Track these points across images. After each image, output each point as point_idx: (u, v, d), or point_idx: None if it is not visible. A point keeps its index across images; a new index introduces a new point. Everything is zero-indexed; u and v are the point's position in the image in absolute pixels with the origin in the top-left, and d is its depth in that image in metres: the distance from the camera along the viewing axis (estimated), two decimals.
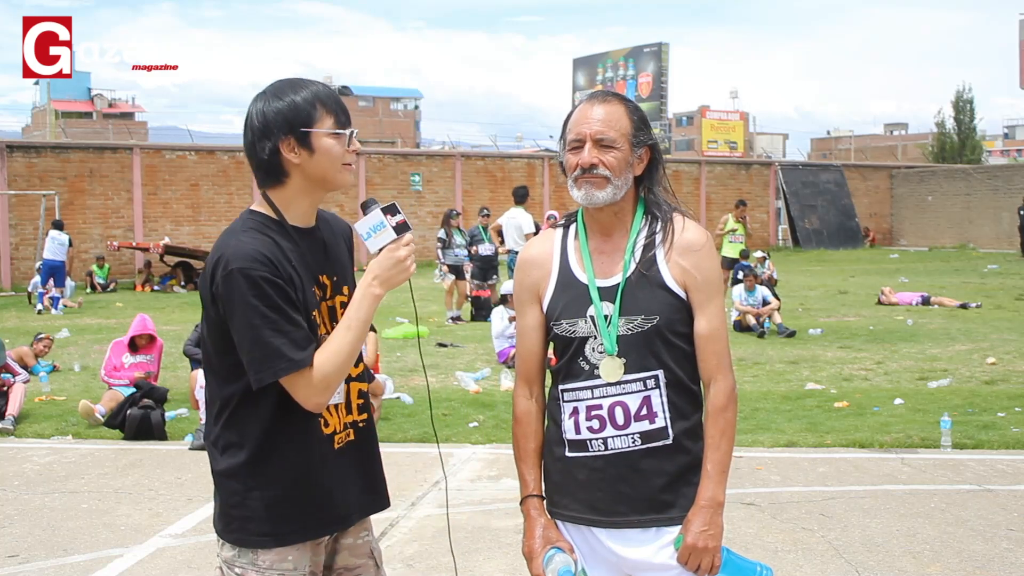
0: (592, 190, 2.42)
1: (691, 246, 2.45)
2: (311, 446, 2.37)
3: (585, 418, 2.46)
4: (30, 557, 5.21)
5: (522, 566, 5.00)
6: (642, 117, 2.51)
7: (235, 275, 2.23)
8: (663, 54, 38.52)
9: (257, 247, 2.27)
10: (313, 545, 2.43)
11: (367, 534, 2.58)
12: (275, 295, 2.24)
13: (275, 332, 2.23)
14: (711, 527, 2.38)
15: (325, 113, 2.31)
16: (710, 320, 2.45)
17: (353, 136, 2.36)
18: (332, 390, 2.30)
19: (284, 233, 2.35)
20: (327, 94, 2.34)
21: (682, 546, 2.39)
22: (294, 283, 2.30)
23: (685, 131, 70.88)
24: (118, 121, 58.44)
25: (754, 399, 8.81)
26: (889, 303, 16.86)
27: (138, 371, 9.04)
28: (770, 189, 35.85)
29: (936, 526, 5.47)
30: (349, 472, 2.45)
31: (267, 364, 2.23)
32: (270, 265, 2.25)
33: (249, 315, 2.23)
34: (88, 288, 22.25)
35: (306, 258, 2.37)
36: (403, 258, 2.29)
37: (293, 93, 2.32)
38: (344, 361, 2.29)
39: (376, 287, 2.30)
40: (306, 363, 2.25)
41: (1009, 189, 32.46)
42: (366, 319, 2.31)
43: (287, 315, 2.25)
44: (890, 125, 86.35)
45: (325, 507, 2.40)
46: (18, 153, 24.75)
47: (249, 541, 2.36)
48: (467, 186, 29.96)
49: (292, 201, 2.38)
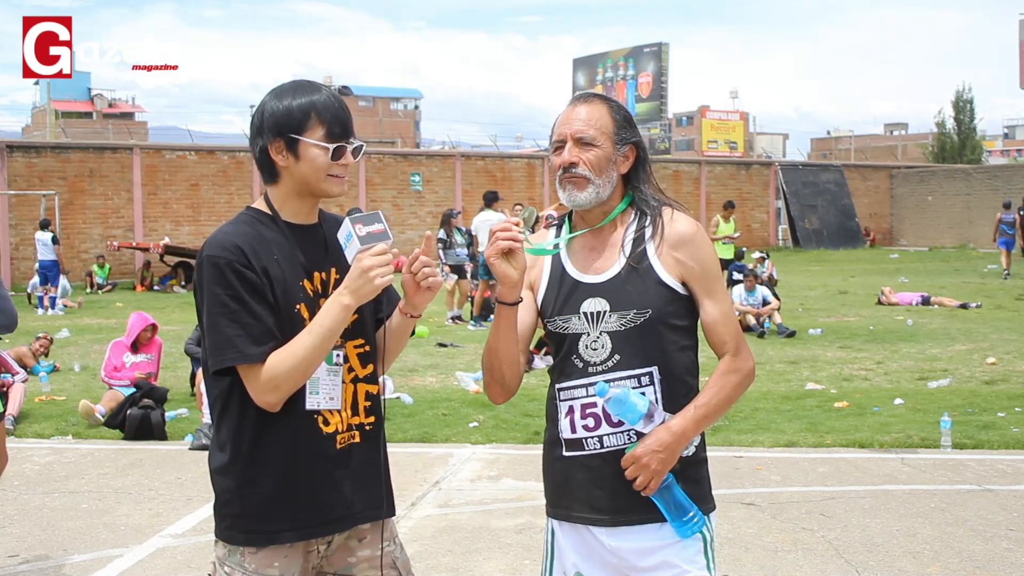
0: (574, 191, 2.45)
1: (683, 237, 2.46)
2: (305, 445, 2.34)
3: (580, 416, 2.46)
4: (30, 557, 5.21)
5: (522, 566, 5.02)
6: (626, 116, 2.53)
7: (205, 262, 2.28)
8: (663, 54, 38.46)
9: (233, 237, 2.29)
10: (305, 550, 2.38)
11: (389, 544, 2.49)
12: (239, 285, 2.25)
13: (231, 322, 2.24)
14: (664, 451, 2.35)
15: (317, 123, 2.31)
16: (717, 305, 2.46)
17: (345, 150, 2.34)
18: (281, 392, 2.26)
19: (275, 227, 2.36)
20: (326, 104, 2.33)
21: (628, 453, 2.38)
22: (270, 276, 2.29)
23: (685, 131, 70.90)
24: (118, 121, 58.42)
25: (754, 399, 8.81)
26: (889, 303, 16.86)
27: (138, 371, 9.04)
28: (770, 189, 35.86)
29: (936, 526, 5.46)
30: (350, 475, 2.39)
31: (218, 352, 2.25)
32: (241, 255, 2.26)
33: (211, 302, 2.26)
34: (88, 288, 22.25)
35: (297, 253, 2.35)
36: (366, 268, 2.21)
37: (292, 98, 2.33)
38: (296, 365, 2.24)
39: (345, 296, 2.25)
40: (256, 359, 2.24)
41: (1009, 189, 32.45)
42: (331, 327, 2.25)
43: (249, 307, 2.25)
44: (890, 125, 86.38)
45: (319, 508, 2.35)
46: (18, 153, 24.76)
47: (238, 538, 2.35)
48: (467, 186, 29.96)
49: (286, 200, 2.40)
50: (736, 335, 2.48)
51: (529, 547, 5.14)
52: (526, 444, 7.33)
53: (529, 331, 2.56)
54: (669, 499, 2.39)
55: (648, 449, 2.35)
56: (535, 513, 5.53)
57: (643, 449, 2.36)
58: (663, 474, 2.37)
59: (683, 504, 2.39)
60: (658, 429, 2.37)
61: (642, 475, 2.37)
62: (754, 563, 4.92)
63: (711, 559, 2.47)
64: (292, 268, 2.34)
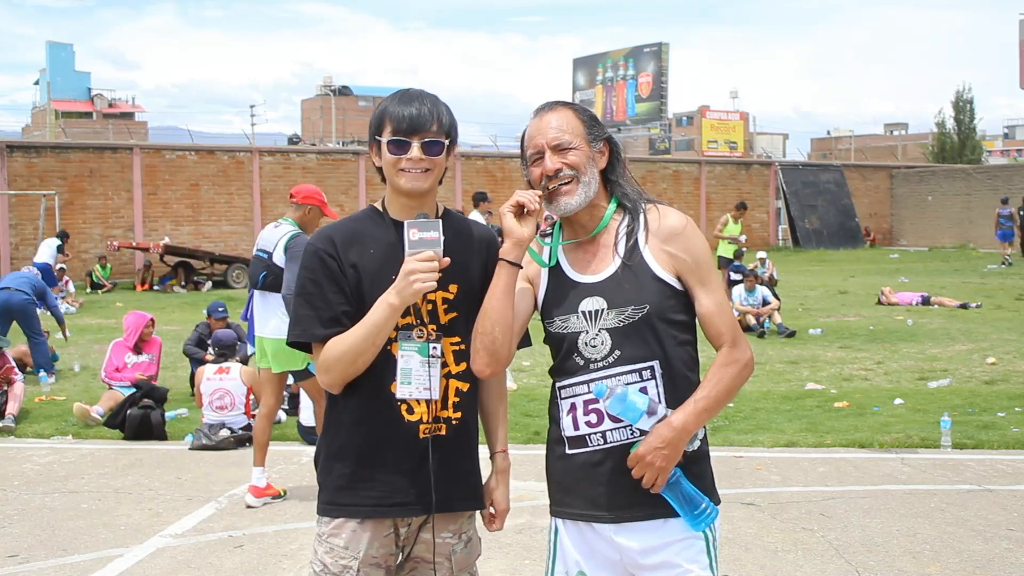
0: (565, 199, 2.48)
1: (674, 231, 2.49)
2: (384, 430, 2.48)
3: (583, 413, 2.47)
4: (30, 557, 5.21)
5: (522, 566, 5.02)
6: (591, 116, 2.59)
7: (307, 247, 2.57)
8: (663, 54, 38.39)
9: (331, 230, 2.56)
10: (374, 531, 2.49)
11: (450, 536, 2.58)
12: (321, 271, 2.48)
13: (305, 303, 2.49)
14: (667, 447, 2.35)
15: (388, 123, 2.50)
16: (711, 296, 2.48)
17: (408, 145, 2.47)
18: (332, 374, 2.45)
19: (382, 224, 2.56)
20: (398, 105, 2.50)
21: (632, 452, 2.39)
22: (359, 268, 2.48)
23: (685, 131, 70.91)
24: (118, 121, 58.46)
25: (754, 399, 8.82)
26: (889, 303, 16.86)
27: (139, 372, 9.04)
28: (770, 189, 35.86)
29: (936, 526, 5.47)
30: (430, 464, 2.48)
31: (292, 327, 2.53)
32: (331, 245, 2.50)
33: (298, 282, 2.54)
34: (88, 288, 22.25)
35: (399, 249, 2.44)
36: (409, 271, 2.35)
37: (379, 106, 2.56)
38: (344, 352, 2.42)
39: (391, 295, 2.38)
40: (318, 339, 2.46)
41: (1009, 189, 32.46)
42: (376, 322, 2.40)
43: (324, 293, 2.47)
44: (890, 125, 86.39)
45: (386, 490, 2.48)
46: (18, 153, 24.76)
47: (319, 508, 2.57)
48: (467, 186, 29.94)
49: (391, 199, 2.59)
50: (732, 326, 2.49)
51: (529, 547, 5.14)
52: (526, 444, 7.33)
53: (524, 315, 2.57)
54: (679, 493, 2.39)
55: (651, 447, 2.36)
56: (535, 513, 5.54)
57: (646, 448, 2.36)
58: (669, 470, 2.37)
59: (693, 497, 2.40)
60: (660, 426, 2.37)
61: (648, 473, 2.37)
62: (754, 563, 4.92)
63: (714, 559, 2.48)
64: (388, 262, 2.47)
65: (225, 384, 7.82)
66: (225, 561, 5.11)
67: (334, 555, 2.49)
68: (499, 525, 2.71)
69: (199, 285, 22.95)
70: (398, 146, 2.47)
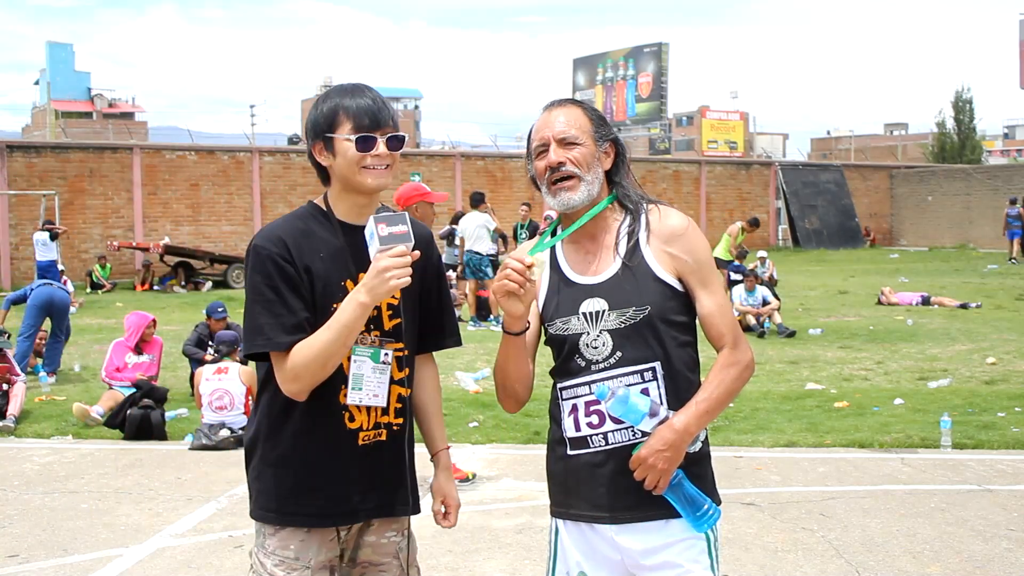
0: (567, 195, 2.48)
1: (674, 231, 2.48)
2: (325, 437, 2.44)
3: (584, 414, 2.47)
4: (30, 557, 5.21)
5: (522, 566, 5.02)
6: (600, 116, 2.59)
7: (251, 250, 2.43)
8: (663, 54, 38.36)
9: (280, 231, 2.43)
10: (320, 537, 2.46)
11: (395, 535, 2.58)
12: (278, 276, 2.37)
13: (265, 311, 2.36)
14: (669, 449, 2.35)
15: (345, 119, 2.40)
16: (712, 297, 2.48)
17: (375, 141, 2.40)
18: (302, 382, 2.35)
19: (328, 226, 2.46)
20: (352, 100, 2.42)
21: (634, 455, 2.39)
22: (312, 272, 2.39)
23: (685, 131, 70.93)
24: (118, 121, 58.47)
25: (754, 399, 8.82)
26: (889, 303, 16.86)
27: (140, 372, 9.04)
28: (770, 189, 35.84)
29: (936, 526, 5.47)
30: (370, 471, 2.48)
31: (250, 337, 2.39)
32: (283, 248, 2.38)
33: (250, 289, 2.40)
34: (88, 288, 22.24)
35: (346, 253, 2.42)
36: (383, 269, 2.25)
37: (324, 101, 2.45)
38: (314, 357, 2.32)
39: (361, 294, 2.29)
40: (283, 347, 2.34)
41: (1009, 189, 32.43)
42: (347, 323, 2.30)
43: (284, 298, 2.36)
44: (890, 125, 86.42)
45: (332, 499, 2.45)
46: (18, 153, 24.75)
47: (257, 514, 2.49)
48: (467, 186, 29.89)
49: (337, 199, 2.49)
50: (733, 327, 2.49)
51: (529, 547, 5.14)
52: (526, 444, 7.33)
53: (535, 337, 2.58)
54: (681, 495, 2.39)
55: (653, 449, 2.36)
56: (535, 513, 5.53)
57: (648, 450, 2.36)
58: (671, 472, 2.38)
59: (695, 498, 2.40)
60: (662, 428, 2.37)
61: (650, 475, 2.37)
62: (754, 563, 4.92)
63: (715, 559, 2.48)
64: (337, 267, 2.43)
65: (224, 384, 7.82)
66: (225, 561, 5.11)
67: (286, 567, 2.44)
68: (453, 521, 2.71)
69: (199, 285, 22.94)
70: (365, 142, 2.39)
